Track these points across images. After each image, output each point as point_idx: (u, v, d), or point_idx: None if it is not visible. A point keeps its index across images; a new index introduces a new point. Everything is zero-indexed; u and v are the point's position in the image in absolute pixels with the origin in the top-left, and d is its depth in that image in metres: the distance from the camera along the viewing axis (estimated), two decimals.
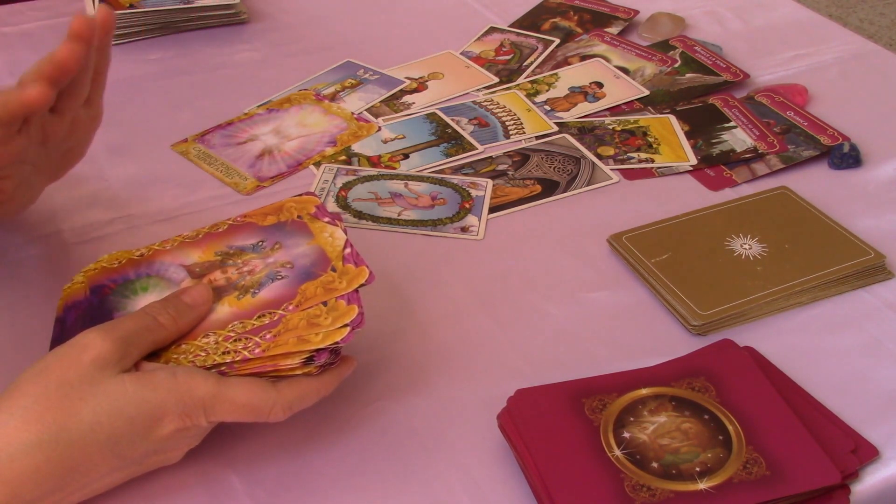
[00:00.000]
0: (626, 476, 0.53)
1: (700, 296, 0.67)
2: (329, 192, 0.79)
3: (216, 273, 0.59)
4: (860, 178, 0.82)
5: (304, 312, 0.54)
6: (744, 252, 0.71)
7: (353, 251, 0.58)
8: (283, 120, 0.89)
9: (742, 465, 0.53)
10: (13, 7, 1.11)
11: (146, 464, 0.52)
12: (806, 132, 0.87)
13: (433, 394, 0.61)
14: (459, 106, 0.92)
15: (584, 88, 0.95)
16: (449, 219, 0.77)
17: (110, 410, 0.49)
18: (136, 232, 0.75)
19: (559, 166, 0.83)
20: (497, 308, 0.68)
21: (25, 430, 0.47)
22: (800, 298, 0.68)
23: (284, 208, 0.63)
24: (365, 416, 0.59)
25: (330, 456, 0.57)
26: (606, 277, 0.71)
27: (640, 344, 0.65)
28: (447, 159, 0.84)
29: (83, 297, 0.60)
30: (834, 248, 0.72)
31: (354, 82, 0.96)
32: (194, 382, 0.51)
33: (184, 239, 0.63)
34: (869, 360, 0.64)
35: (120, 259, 0.62)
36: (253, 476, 0.56)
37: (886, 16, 2.76)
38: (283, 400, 0.52)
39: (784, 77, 0.97)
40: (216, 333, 0.54)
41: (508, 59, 1.01)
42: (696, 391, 0.58)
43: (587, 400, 0.58)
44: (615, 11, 1.09)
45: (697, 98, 0.93)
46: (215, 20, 1.07)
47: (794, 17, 1.10)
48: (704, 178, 0.82)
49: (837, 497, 0.53)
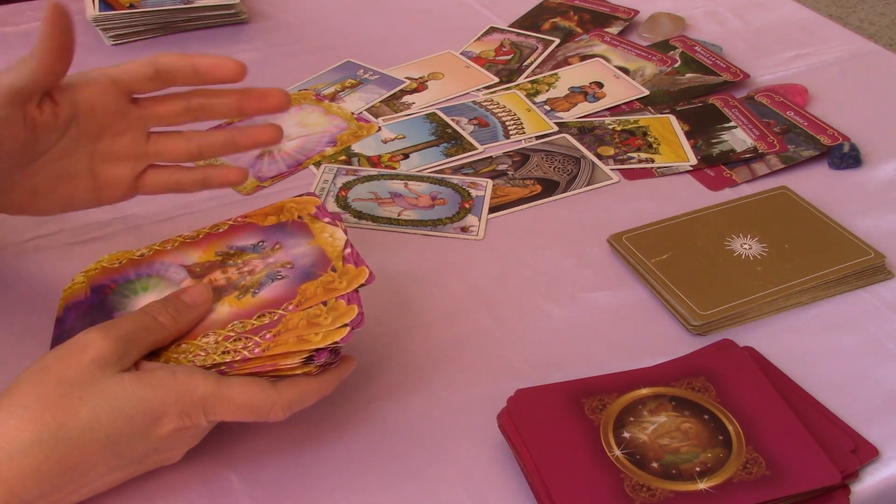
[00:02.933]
0: (625, 476, 0.53)
1: (700, 296, 0.67)
2: (329, 192, 0.79)
3: (216, 273, 0.59)
4: (860, 178, 0.82)
5: (304, 312, 0.54)
6: (744, 252, 0.71)
7: (353, 251, 0.58)
8: (283, 120, 0.89)
9: (742, 465, 0.53)
10: (13, 7, 1.11)
11: (146, 463, 0.52)
12: (806, 132, 0.87)
13: (433, 394, 0.61)
14: (459, 106, 0.92)
15: (584, 88, 0.95)
16: (449, 219, 0.77)
17: (110, 410, 0.49)
18: (136, 232, 0.75)
19: (559, 166, 0.83)
20: (497, 308, 0.68)
21: (25, 430, 0.47)
22: (800, 298, 0.68)
23: (285, 209, 0.63)
24: (365, 416, 0.59)
25: (330, 456, 0.57)
26: (606, 277, 0.71)
27: (640, 344, 0.65)
28: (447, 159, 0.84)
29: (84, 297, 0.60)
30: (834, 248, 0.71)
31: (354, 82, 0.96)
32: (194, 382, 0.51)
33: (184, 239, 0.63)
34: (869, 360, 0.64)
35: (120, 259, 0.62)
36: (252, 476, 0.56)
37: (886, 16, 2.75)
38: (282, 399, 0.52)
39: (784, 77, 0.97)
40: (216, 333, 0.54)
41: (508, 59, 1.01)
42: (696, 391, 0.58)
43: (587, 400, 0.58)
44: (615, 11, 1.09)
45: (697, 98, 0.93)
46: (215, 20, 1.07)
47: (794, 17, 1.10)
48: (704, 178, 0.82)
49: (837, 497, 0.53)
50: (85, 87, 0.60)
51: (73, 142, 0.61)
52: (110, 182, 0.63)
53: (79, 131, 0.60)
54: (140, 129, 0.63)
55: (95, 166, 0.62)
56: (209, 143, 0.64)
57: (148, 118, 0.63)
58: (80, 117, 0.60)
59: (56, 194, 0.62)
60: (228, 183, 0.66)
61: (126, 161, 0.63)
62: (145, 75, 0.61)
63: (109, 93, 0.60)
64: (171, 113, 0.63)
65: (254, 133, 0.64)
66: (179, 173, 0.65)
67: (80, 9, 1.06)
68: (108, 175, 0.63)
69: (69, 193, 0.63)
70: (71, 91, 0.59)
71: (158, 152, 0.64)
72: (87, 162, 0.62)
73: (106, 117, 0.61)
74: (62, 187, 0.62)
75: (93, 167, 0.62)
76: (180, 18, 1.05)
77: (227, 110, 0.63)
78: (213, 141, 0.64)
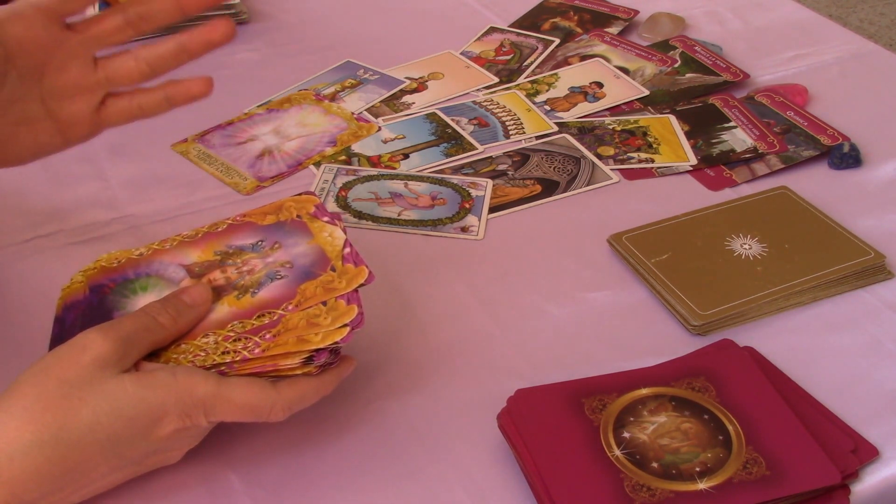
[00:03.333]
0: (625, 476, 0.53)
1: (700, 296, 0.67)
2: (329, 192, 0.79)
3: (216, 273, 0.59)
4: (860, 178, 0.82)
5: (304, 312, 0.54)
6: (744, 252, 0.71)
7: (352, 251, 0.58)
8: (283, 120, 0.89)
9: (742, 465, 0.53)
10: None
11: (146, 464, 0.52)
12: (806, 132, 0.87)
13: (433, 394, 0.61)
14: (459, 106, 0.92)
15: (584, 88, 0.95)
16: (449, 219, 0.77)
17: (110, 410, 0.49)
18: (136, 232, 0.75)
19: (559, 166, 0.83)
20: (497, 308, 0.68)
21: (25, 431, 0.47)
22: (800, 298, 0.68)
23: (284, 208, 0.63)
24: (365, 416, 0.59)
25: (330, 456, 0.57)
26: (606, 277, 0.71)
27: (640, 344, 0.65)
28: (447, 159, 0.84)
29: (82, 297, 0.60)
30: (834, 248, 0.71)
31: (354, 82, 0.96)
32: (194, 382, 0.51)
33: (183, 238, 0.63)
34: (869, 360, 0.64)
35: (119, 259, 0.62)
36: (252, 476, 0.56)
37: (886, 16, 2.75)
38: (282, 400, 0.52)
39: (784, 77, 0.97)
40: (216, 333, 0.54)
41: (508, 59, 1.01)
42: (696, 391, 0.58)
43: (587, 400, 0.58)
44: (615, 11, 1.09)
45: (697, 98, 0.93)
46: None
47: (794, 17, 1.10)
48: (704, 178, 0.82)
49: (837, 497, 0.53)
50: (10, 24, 0.55)
51: (17, 85, 0.57)
52: (71, 120, 0.60)
53: (19, 73, 0.57)
54: (83, 57, 0.58)
55: (50, 106, 0.59)
56: (158, 55, 0.59)
57: (88, 42, 0.58)
58: (14, 58, 0.56)
59: (20, 142, 0.59)
60: (193, 96, 0.61)
61: (80, 95, 0.59)
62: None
63: (38, 24, 0.56)
64: (110, 30, 0.58)
65: (204, 32, 0.59)
66: (140, 96, 0.61)
67: None
68: (66, 113, 0.59)
69: (33, 139, 0.59)
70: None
71: (109, 78, 0.59)
72: (39, 103, 0.58)
73: (41, 52, 0.57)
74: (23, 134, 0.59)
75: (48, 108, 0.59)
76: None
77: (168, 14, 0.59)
78: (162, 51, 0.59)
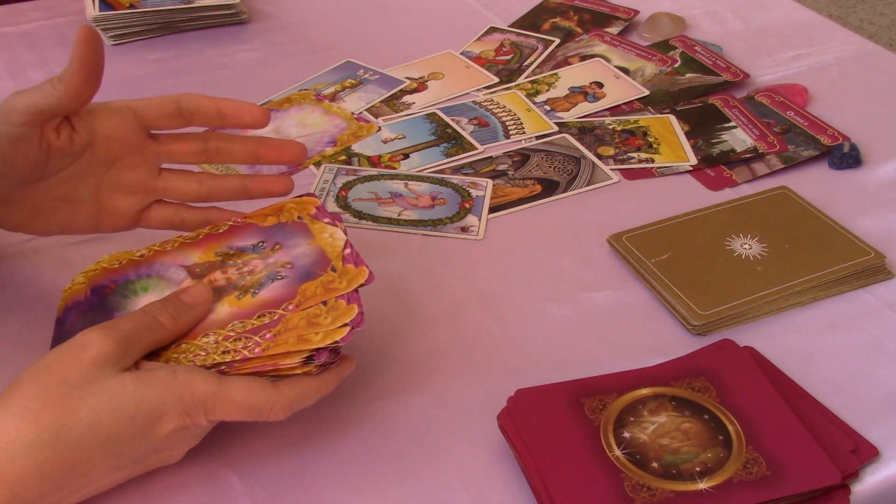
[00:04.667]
0: (626, 476, 0.53)
1: (700, 296, 0.67)
2: (329, 192, 0.79)
3: (216, 273, 0.59)
4: (860, 178, 0.82)
5: (304, 312, 0.54)
6: (744, 252, 0.71)
7: (352, 251, 0.58)
8: (283, 120, 0.89)
9: (742, 464, 0.53)
10: (13, 7, 1.11)
11: (146, 463, 0.52)
12: (806, 132, 0.87)
13: (433, 394, 0.61)
14: (459, 106, 0.92)
15: (584, 88, 0.95)
16: (449, 219, 0.77)
17: (110, 409, 0.49)
18: (136, 232, 0.75)
19: (559, 166, 0.83)
20: (497, 308, 0.68)
21: (25, 430, 0.47)
22: (800, 298, 0.68)
23: (285, 209, 0.63)
24: (365, 416, 0.59)
25: (330, 456, 0.57)
26: (606, 277, 0.71)
27: (640, 344, 0.65)
28: (447, 159, 0.84)
29: (83, 298, 0.60)
30: (834, 248, 0.72)
31: (354, 82, 0.96)
32: (194, 381, 0.51)
33: (184, 240, 0.63)
34: (869, 360, 0.64)
35: (120, 259, 0.62)
36: (253, 476, 0.56)
37: (886, 16, 2.76)
38: (282, 399, 0.52)
39: (784, 77, 0.97)
40: (216, 333, 0.54)
41: (508, 59, 1.01)
42: (696, 391, 0.58)
43: (587, 400, 0.58)
44: (615, 11, 1.09)
45: (697, 98, 0.93)
46: (215, 20, 1.07)
47: (794, 17, 1.10)
48: (704, 178, 0.82)
49: (837, 497, 0.53)
50: (106, 116, 0.60)
51: (84, 168, 0.61)
52: (114, 211, 0.64)
53: (92, 159, 0.61)
54: (153, 164, 0.63)
55: (101, 194, 0.63)
56: (220, 188, 0.65)
57: (163, 154, 0.63)
58: (95, 145, 0.60)
59: (57, 216, 0.62)
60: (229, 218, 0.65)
61: (134, 194, 0.63)
62: (167, 112, 0.61)
63: (129, 125, 0.61)
64: (188, 152, 0.63)
65: (266, 182, 0.65)
66: (184, 212, 0.65)
67: (80, 9, 1.06)
68: (112, 204, 0.63)
69: (70, 217, 0.63)
70: (91, 118, 0.59)
71: (167, 189, 0.64)
72: (93, 189, 0.62)
73: (121, 149, 0.61)
74: (64, 210, 0.62)
75: (99, 195, 0.62)
76: (180, 18, 1.05)
77: (243, 156, 0.64)
78: (225, 186, 0.65)
